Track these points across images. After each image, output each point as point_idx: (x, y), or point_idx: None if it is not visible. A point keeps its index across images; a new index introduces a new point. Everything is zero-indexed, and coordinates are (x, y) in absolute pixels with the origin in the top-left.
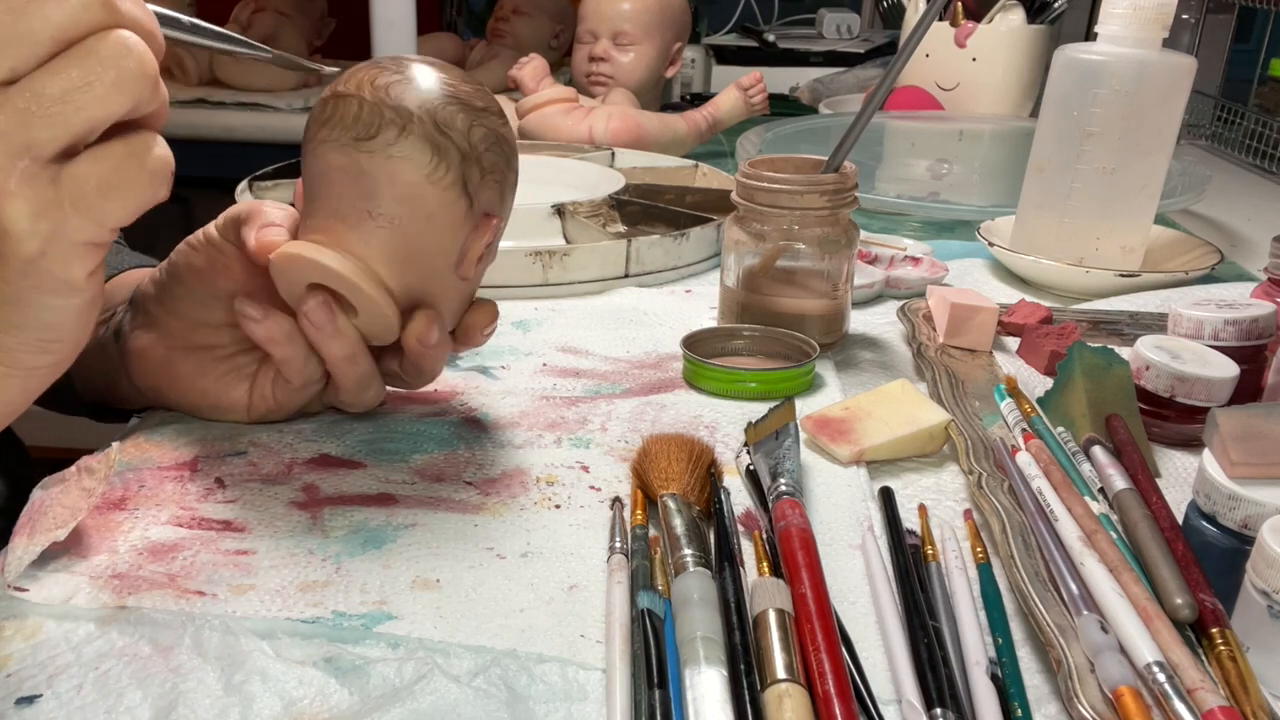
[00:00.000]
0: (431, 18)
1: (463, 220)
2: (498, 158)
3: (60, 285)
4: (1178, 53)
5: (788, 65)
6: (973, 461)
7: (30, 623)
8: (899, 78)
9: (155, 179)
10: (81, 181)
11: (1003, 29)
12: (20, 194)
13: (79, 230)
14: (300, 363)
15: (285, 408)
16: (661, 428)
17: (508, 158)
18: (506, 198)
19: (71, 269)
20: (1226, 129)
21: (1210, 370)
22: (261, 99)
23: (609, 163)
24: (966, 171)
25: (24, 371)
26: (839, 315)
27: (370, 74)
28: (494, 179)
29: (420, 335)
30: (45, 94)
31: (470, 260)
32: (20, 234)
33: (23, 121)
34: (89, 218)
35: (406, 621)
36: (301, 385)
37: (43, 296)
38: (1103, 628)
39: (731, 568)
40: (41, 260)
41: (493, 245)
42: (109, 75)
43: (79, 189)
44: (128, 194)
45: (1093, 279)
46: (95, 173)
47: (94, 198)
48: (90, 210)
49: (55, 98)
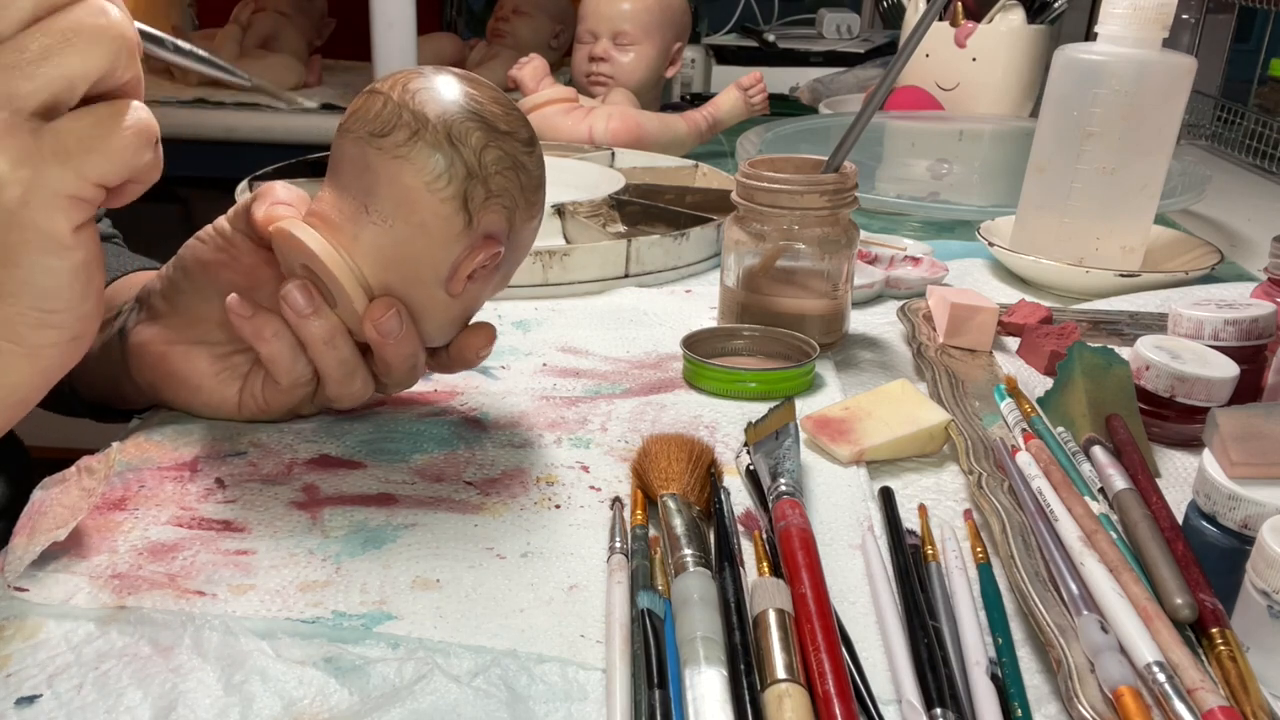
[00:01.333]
0: (431, 18)
1: (458, 236)
2: (509, 183)
3: (46, 239)
4: (1178, 53)
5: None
6: (973, 461)
7: (30, 623)
8: (899, 78)
9: (137, 137)
10: (62, 134)
11: (1003, 29)
12: (0, 142)
13: (59, 180)
14: (287, 360)
15: (274, 408)
16: (661, 428)
17: (524, 187)
18: (520, 226)
19: (55, 220)
20: (1226, 129)
21: (1210, 370)
22: (261, 99)
23: (609, 163)
24: (966, 171)
25: (29, 350)
26: (839, 315)
27: (406, 77)
28: (501, 203)
29: (373, 317)
30: (27, 50)
31: (459, 278)
32: (1, 180)
33: (4, 76)
34: (68, 167)
35: (406, 621)
36: (289, 385)
37: (32, 254)
38: (1103, 628)
39: (731, 568)
40: (25, 210)
41: (493, 270)
42: (86, 35)
43: (60, 141)
44: (109, 149)
45: (1093, 279)
46: (75, 127)
47: (73, 149)
48: (69, 160)
49: (36, 54)
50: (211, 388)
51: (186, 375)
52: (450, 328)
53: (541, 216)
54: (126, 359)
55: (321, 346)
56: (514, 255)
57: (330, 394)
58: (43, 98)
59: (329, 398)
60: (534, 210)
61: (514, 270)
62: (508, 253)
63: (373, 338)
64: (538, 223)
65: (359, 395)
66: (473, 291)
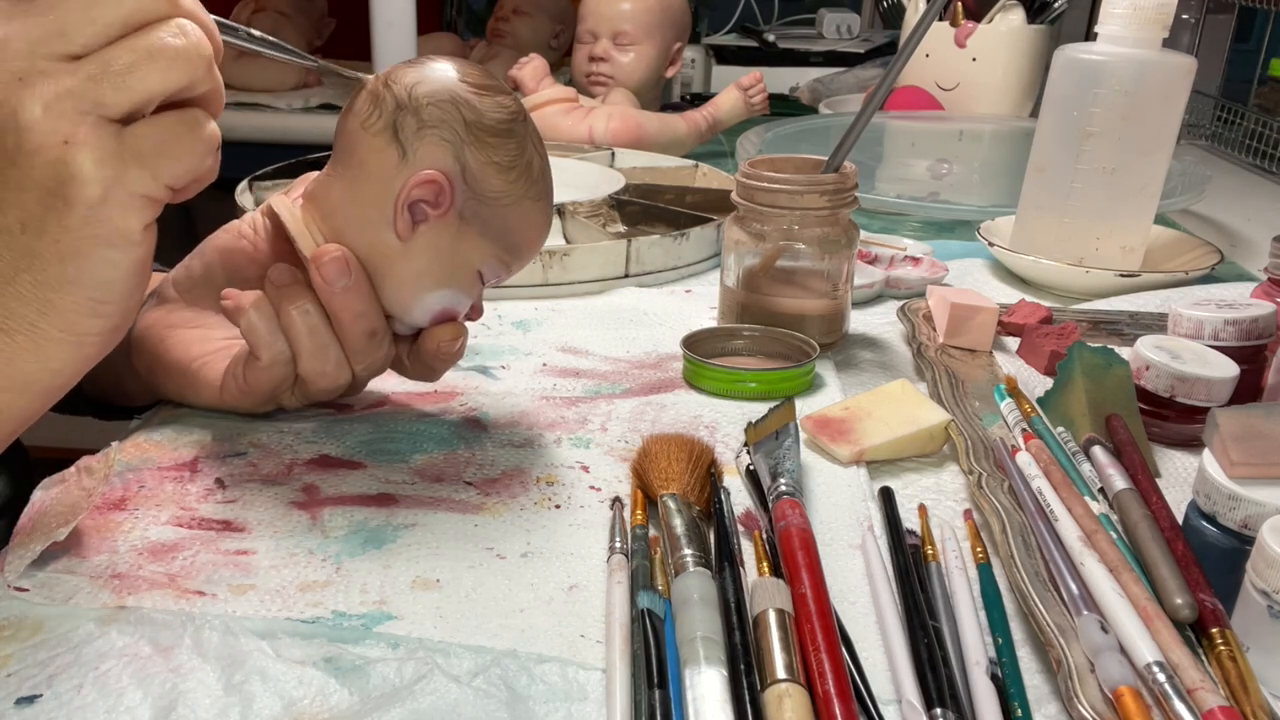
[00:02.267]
0: (431, 18)
1: (394, 170)
2: (445, 114)
3: (118, 235)
4: (1178, 53)
5: (788, 65)
6: (973, 461)
7: (30, 623)
8: (899, 78)
9: (206, 146)
10: (141, 139)
11: (1003, 29)
12: (88, 143)
13: (137, 181)
14: (264, 333)
15: (254, 390)
16: (661, 428)
17: (468, 122)
18: (479, 168)
19: (130, 219)
20: (1226, 129)
21: (1210, 370)
22: (261, 99)
23: (609, 163)
24: (966, 171)
25: (76, 338)
26: (839, 315)
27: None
28: (439, 135)
29: (317, 259)
30: (115, 63)
31: (400, 213)
32: (85, 178)
33: (93, 85)
34: (146, 170)
35: (406, 621)
36: (268, 362)
37: (100, 248)
38: (1103, 628)
39: (731, 568)
40: (103, 207)
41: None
42: (169, 53)
43: (139, 145)
44: (181, 154)
45: (1093, 279)
46: (154, 133)
47: (151, 154)
48: (148, 164)
49: (124, 67)
50: (199, 371)
51: (179, 358)
52: (420, 285)
53: (529, 170)
54: (130, 350)
55: (295, 315)
56: (490, 210)
57: (303, 371)
58: (126, 108)
59: (304, 378)
60: (496, 152)
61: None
62: (476, 200)
63: (319, 285)
64: (518, 173)
65: (332, 376)
66: (435, 239)
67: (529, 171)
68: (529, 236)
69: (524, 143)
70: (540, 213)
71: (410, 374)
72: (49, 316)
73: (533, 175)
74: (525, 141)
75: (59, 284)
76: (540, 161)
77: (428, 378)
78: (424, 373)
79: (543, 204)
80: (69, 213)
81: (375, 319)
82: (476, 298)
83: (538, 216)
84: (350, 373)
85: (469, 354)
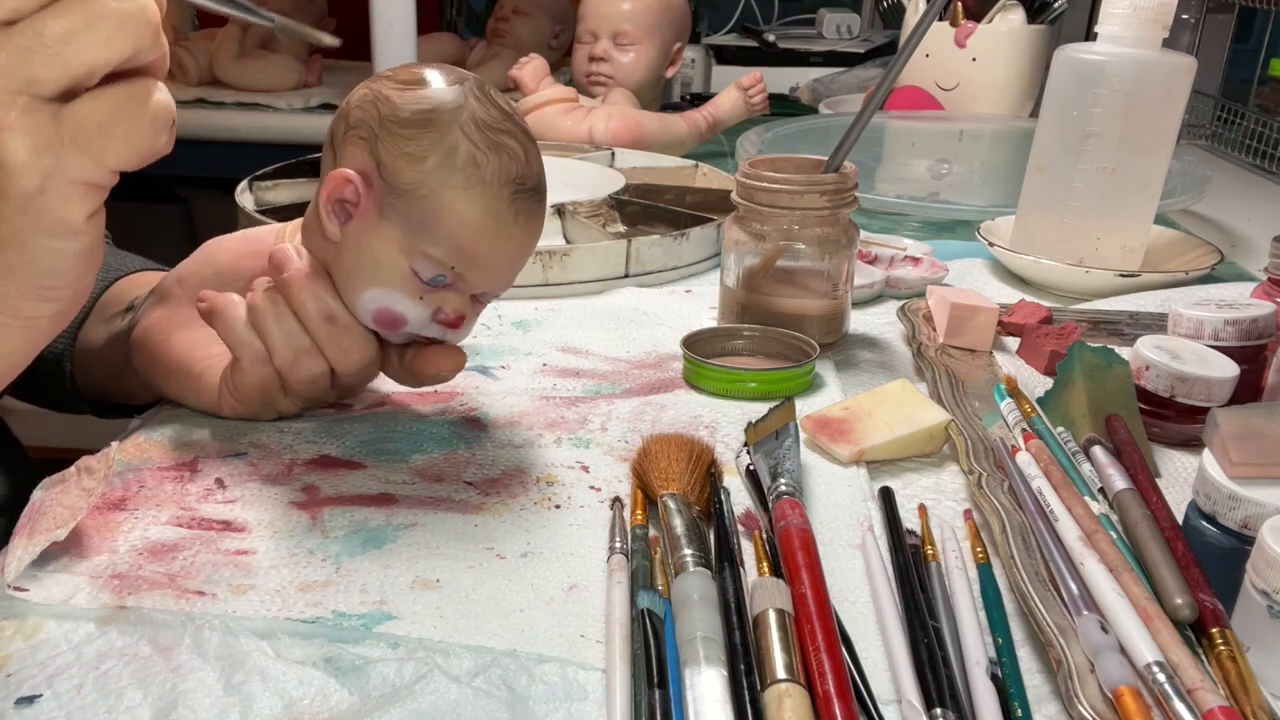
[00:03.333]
0: (431, 18)
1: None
2: (365, 114)
3: (59, 225)
4: (1178, 53)
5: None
6: (973, 461)
7: (30, 623)
8: (899, 78)
9: (156, 123)
10: (82, 120)
11: (1003, 29)
12: (20, 128)
13: (78, 168)
14: (240, 331)
15: (244, 396)
16: (661, 428)
17: (383, 117)
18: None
19: (70, 208)
20: (1226, 129)
21: (1210, 370)
22: (261, 99)
23: (609, 163)
24: (966, 171)
25: (24, 321)
26: (839, 315)
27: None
28: (358, 134)
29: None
30: (47, 33)
31: (326, 215)
32: (19, 167)
33: (23, 59)
34: (88, 155)
35: (406, 621)
36: (248, 363)
37: (41, 237)
38: (1103, 628)
39: (731, 568)
40: (41, 198)
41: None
42: (112, 19)
43: (79, 127)
44: (128, 134)
45: (1093, 279)
46: (95, 111)
47: (94, 136)
48: (90, 148)
49: (57, 38)
50: (201, 374)
51: (181, 359)
52: (353, 284)
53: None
54: (131, 350)
55: (257, 303)
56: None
57: (278, 364)
58: (62, 84)
59: (280, 371)
60: (408, 144)
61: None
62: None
63: (275, 278)
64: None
65: (306, 366)
66: (360, 236)
67: (450, 161)
68: (464, 228)
69: (442, 133)
70: (474, 203)
71: (396, 378)
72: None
73: (456, 164)
74: (446, 132)
75: (2, 271)
76: (471, 151)
77: (414, 385)
78: (410, 381)
79: (478, 194)
80: (4, 203)
81: (329, 304)
82: (447, 305)
83: (468, 208)
84: (325, 363)
85: (469, 354)
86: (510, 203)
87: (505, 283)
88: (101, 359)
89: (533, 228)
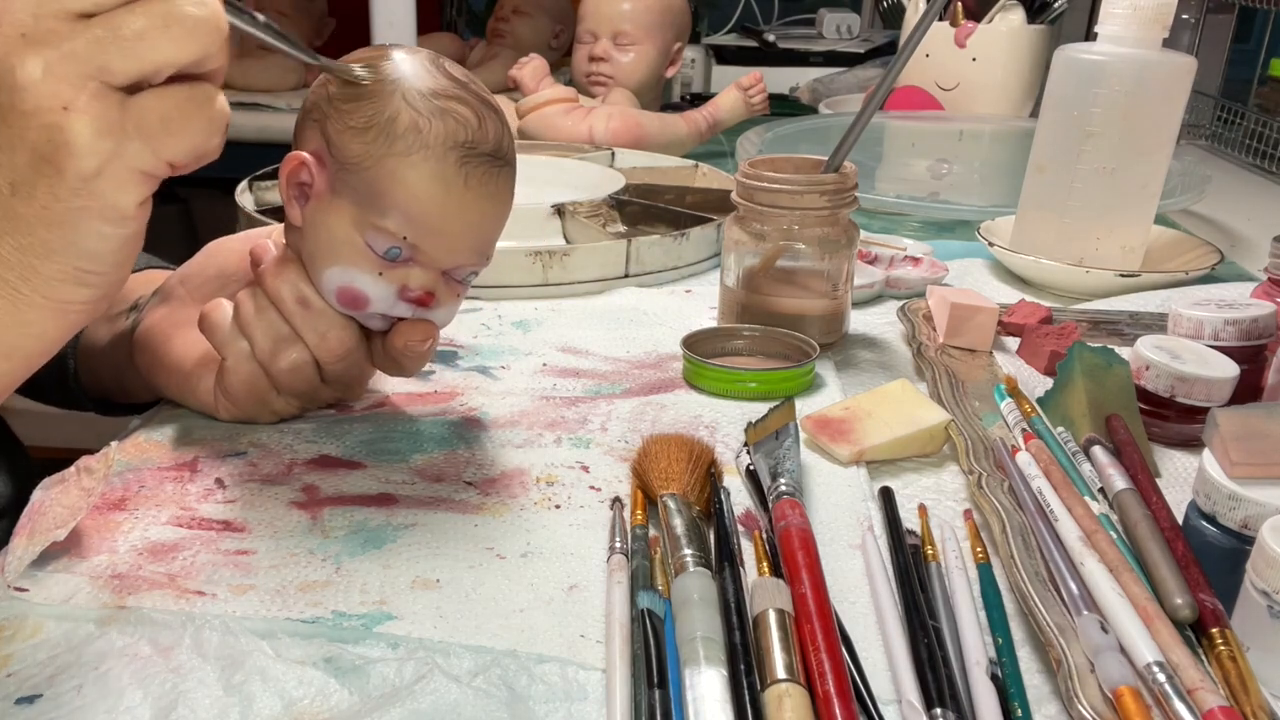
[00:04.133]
0: (431, 18)
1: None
2: (318, 96)
3: (110, 210)
4: (1178, 53)
5: (788, 65)
6: (973, 461)
7: (30, 623)
8: (899, 78)
9: (213, 124)
10: (146, 111)
11: (1003, 29)
12: (88, 110)
13: (137, 156)
14: (225, 331)
15: (235, 397)
16: (661, 428)
17: (332, 97)
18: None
19: (124, 194)
20: (1226, 129)
21: (1210, 370)
22: (261, 99)
23: (609, 163)
24: (966, 171)
25: (59, 304)
26: (839, 315)
27: None
28: (311, 118)
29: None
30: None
31: (288, 200)
32: (81, 149)
33: (99, 48)
34: (148, 145)
35: (406, 621)
36: (233, 360)
37: (91, 220)
38: (1103, 628)
39: (731, 568)
40: (97, 180)
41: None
42: (187, 23)
43: (143, 117)
44: (188, 131)
45: (1093, 279)
46: (160, 105)
47: (156, 128)
48: (151, 138)
49: (135, 33)
50: (199, 372)
51: (180, 361)
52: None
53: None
54: (134, 349)
55: (240, 300)
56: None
57: (260, 357)
58: (133, 75)
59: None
60: (350, 117)
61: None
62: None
63: (253, 270)
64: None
65: (286, 356)
66: (317, 216)
67: (390, 128)
68: (411, 196)
69: (382, 103)
70: (418, 169)
71: (381, 367)
72: (31, 282)
73: (397, 131)
74: (386, 101)
75: (44, 251)
76: (413, 117)
77: (398, 373)
78: (393, 368)
79: (422, 160)
80: (60, 181)
81: (301, 288)
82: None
83: (410, 173)
84: (305, 350)
85: (469, 354)
86: (459, 167)
87: (471, 254)
88: (105, 357)
89: (492, 193)
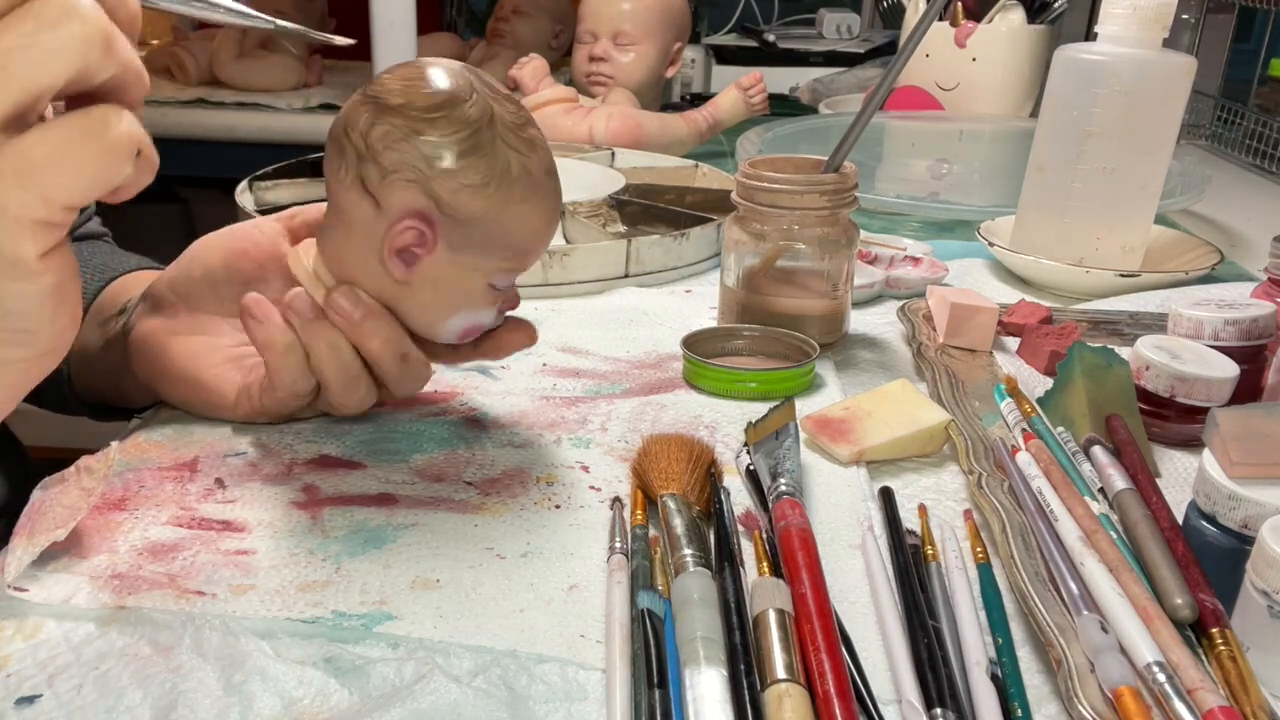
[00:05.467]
0: (431, 18)
1: (374, 220)
2: (404, 156)
3: (10, 266)
4: (1178, 53)
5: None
6: (973, 461)
7: (30, 623)
8: (899, 78)
9: (114, 154)
10: (26, 154)
11: (1003, 29)
12: None
13: (24, 205)
14: (293, 373)
15: (269, 413)
16: (661, 428)
17: (429, 157)
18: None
19: (20, 246)
20: (1226, 129)
21: (1210, 370)
22: (261, 99)
23: (609, 163)
24: (966, 171)
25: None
26: (839, 315)
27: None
28: (403, 178)
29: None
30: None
31: (388, 260)
32: None
33: None
34: (33, 192)
35: (406, 621)
36: (287, 396)
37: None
38: (1103, 628)
39: (731, 568)
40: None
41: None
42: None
43: (23, 162)
44: (79, 169)
45: (1093, 279)
46: (41, 145)
47: (40, 171)
48: (34, 184)
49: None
50: (210, 380)
51: (185, 369)
52: (435, 315)
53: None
54: (128, 355)
55: (324, 350)
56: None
57: (333, 403)
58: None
59: (332, 406)
60: (464, 175)
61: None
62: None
63: (335, 321)
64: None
65: (361, 403)
66: (433, 272)
67: (506, 178)
68: (529, 234)
69: (492, 154)
70: (535, 207)
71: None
72: None
73: (512, 178)
74: (494, 151)
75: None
76: (520, 160)
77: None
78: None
79: (535, 197)
80: None
81: (402, 343)
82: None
83: (531, 212)
84: (375, 396)
85: None
86: (553, 189)
87: None
88: (99, 362)
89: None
